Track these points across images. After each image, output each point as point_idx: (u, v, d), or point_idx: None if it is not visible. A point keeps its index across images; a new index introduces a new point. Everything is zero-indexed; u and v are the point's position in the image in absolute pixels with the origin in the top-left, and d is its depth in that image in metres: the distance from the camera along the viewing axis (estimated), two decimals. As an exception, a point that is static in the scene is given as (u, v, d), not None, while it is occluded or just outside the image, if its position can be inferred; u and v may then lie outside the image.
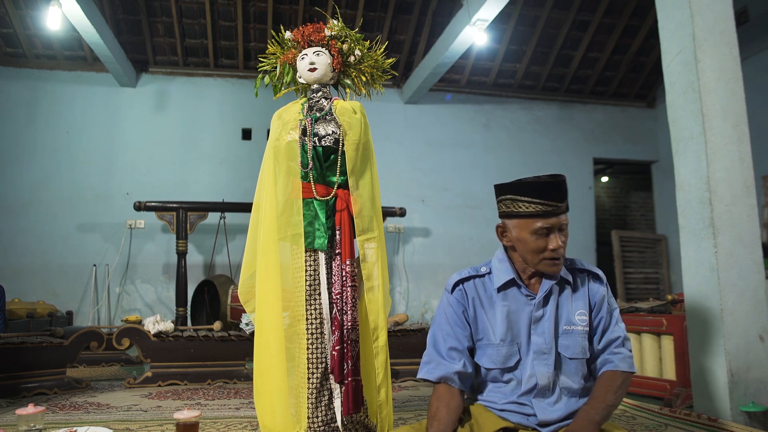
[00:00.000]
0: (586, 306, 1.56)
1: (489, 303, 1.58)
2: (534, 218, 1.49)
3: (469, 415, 1.56)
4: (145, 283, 6.07)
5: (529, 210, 1.49)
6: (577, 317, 1.54)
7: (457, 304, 1.60)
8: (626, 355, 1.54)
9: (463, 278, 1.63)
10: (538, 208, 1.48)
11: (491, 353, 1.54)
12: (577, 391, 1.52)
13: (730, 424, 2.35)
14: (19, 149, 6.02)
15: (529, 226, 1.50)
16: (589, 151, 7.34)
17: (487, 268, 1.63)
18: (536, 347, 1.52)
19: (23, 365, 3.32)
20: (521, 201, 1.51)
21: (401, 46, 6.48)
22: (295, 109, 2.17)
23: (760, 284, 2.57)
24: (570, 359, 1.51)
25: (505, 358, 1.53)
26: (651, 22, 6.41)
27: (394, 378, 3.71)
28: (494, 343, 1.54)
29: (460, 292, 1.61)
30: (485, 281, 1.61)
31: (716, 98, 2.64)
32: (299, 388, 1.96)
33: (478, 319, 1.58)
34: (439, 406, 1.49)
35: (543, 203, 1.48)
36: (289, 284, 2.03)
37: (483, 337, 1.57)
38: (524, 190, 1.51)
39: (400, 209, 5.75)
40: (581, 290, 1.57)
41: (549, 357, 1.51)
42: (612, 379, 1.50)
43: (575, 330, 1.53)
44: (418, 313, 6.50)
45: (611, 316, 1.58)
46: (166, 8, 5.94)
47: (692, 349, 2.66)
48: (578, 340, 1.52)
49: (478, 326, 1.58)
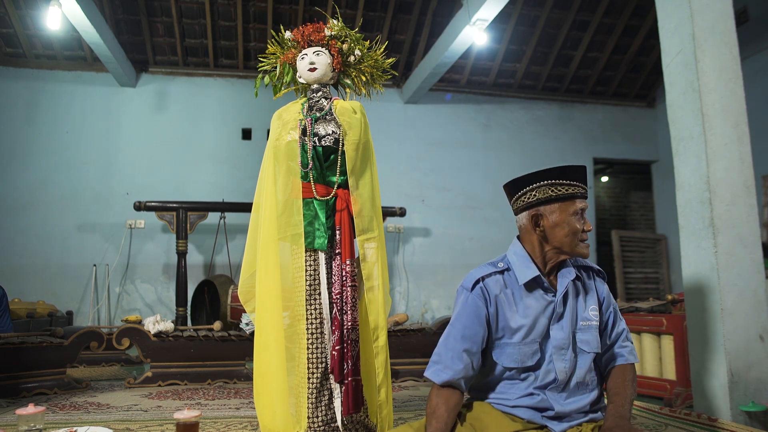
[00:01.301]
0: (596, 301, 1.59)
1: (512, 300, 1.55)
2: (575, 199, 1.53)
3: (472, 413, 1.56)
4: (145, 283, 6.07)
5: (569, 192, 1.53)
6: (590, 312, 1.57)
7: (478, 302, 1.54)
8: (632, 347, 1.61)
9: (484, 275, 1.57)
10: (576, 190, 1.53)
11: (511, 352, 1.53)
12: (587, 384, 1.55)
13: (730, 423, 2.35)
14: (18, 149, 6.02)
15: (570, 207, 1.53)
16: (589, 151, 7.33)
17: (504, 264, 1.59)
18: (556, 342, 1.52)
19: (23, 365, 3.32)
20: (561, 184, 1.54)
21: (401, 46, 6.48)
22: (295, 109, 2.17)
23: (760, 284, 2.57)
24: (588, 353, 1.54)
25: (526, 357, 1.52)
26: (651, 22, 6.41)
27: (394, 378, 3.71)
28: (515, 342, 1.52)
29: (481, 291, 1.55)
30: (506, 277, 1.57)
31: (716, 98, 2.64)
32: (299, 388, 1.96)
33: (500, 317, 1.55)
34: (438, 402, 1.49)
35: (578, 185, 1.54)
36: (289, 284, 2.03)
37: (503, 335, 1.54)
38: (562, 174, 1.55)
39: (400, 209, 5.75)
40: (590, 286, 1.61)
41: (567, 352, 1.53)
42: (626, 372, 1.56)
43: (591, 325, 1.56)
44: (418, 313, 6.50)
45: (615, 311, 1.63)
46: (166, 8, 5.94)
47: (692, 349, 2.66)
48: (595, 335, 1.55)
49: (498, 324, 1.55)
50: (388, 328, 2.80)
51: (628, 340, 1.62)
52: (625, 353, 1.59)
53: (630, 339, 1.63)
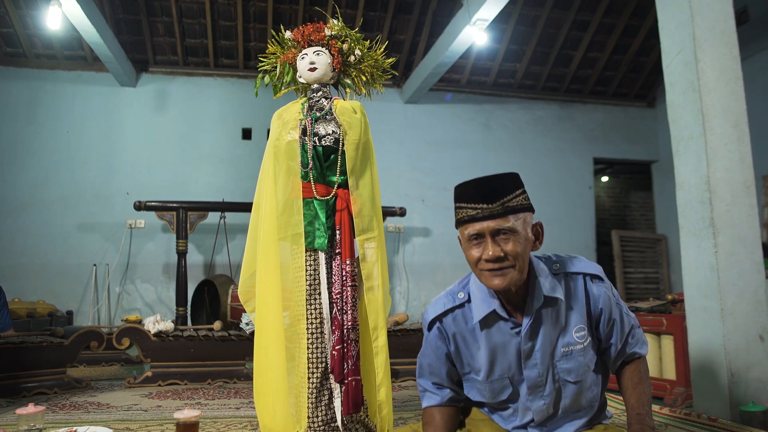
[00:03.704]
0: (584, 317, 1.38)
1: (471, 338, 1.42)
2: (465, 224, 1.33)
3: (470, 418, 1.55)
4: (145, 283, 6.07)
5: (459, 216, 1.34)
6: (575, 335, 1.36)
7: (436, 346, 1.47)
8: (638, 339, 1.44)
9: (438, 315, 1.45)
10: (466, 213, 1.32)
11: (480, 388, 1.44)
12: (584, 406, 1.42)
13: (730, 424, 2.35)
14: (18, 149, 6.02)
15: (464, 234, 1.34)
16: (589, 151, 7.33)
17: (464, 294, 1.43)
18: (530, 382, 1.38)
19: (23, 365, 3.32)
20: (456, 207, 1.36)
21: (401, 45, 6.48)
22: (295, 109, 2.17)
23: (760, 284, 2.57)
24: (573, 383, 1.37)
25: (494, 393, 1.42)
26: (651, 22, 6.41)
27: (394, 378, 3.71)
28: (481, 380, 1.42)
29: (438, 332, 1.46)
30: (465, 312, 1.42)
31: (716, 98, 2.64)
32: (299, 388, 1.96)
33: (462, 354, 1.44)
34: (434, 411, 1.49)
35: (471, 207, 1.31)
36: (289, 284, 2.03)
37: (470, 371, 1.45)
38: (457, 194, 1.36)
39: (400, 209, 5.75)
40: (576, 300, 1.38)
41: (544, 389, 1.37)
42: (635, 371, 1.41)
43: (575, 350, 1.36)
44: (418, 313, 6.50)
45: (620, 313, 1.41)
46: (166, 8, 5.94)
47: (692, 349, 2.66)
48: (580, 360, 1.37)
49: (462, 361, 1.45)
50: (388, 328, 2.80)
51: (640, 332, 1.46)
52: (631, 349, 1.43)
53: (636, 332, 1.45)
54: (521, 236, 1.29)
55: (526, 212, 1.32)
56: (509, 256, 1.28)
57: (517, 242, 1.29)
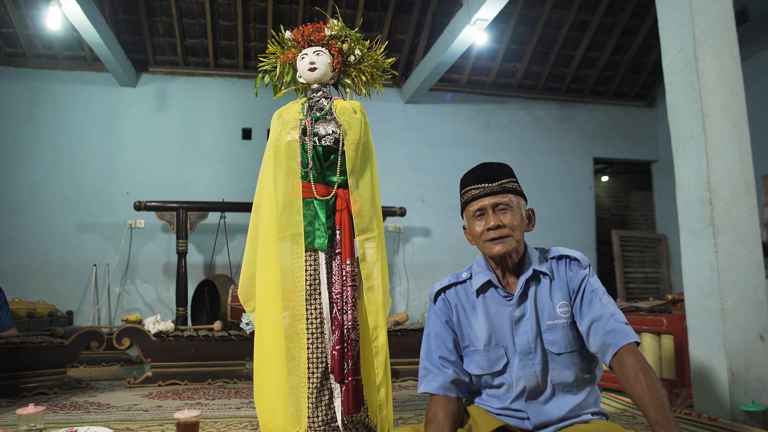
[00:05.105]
0: (567, 295, 1.51)
1: (471, 308, 1.58)
2: (470, 203, 1.55)
3: (468, 416, 1.56)
4: (145, 283, 6.08)
5: (465, 198, 1.57)
6: (559, 310, 1.50)
7: (441, 313, 1.61)
8: (622, 328, 1.41)
9: (443, 287, 1.64)
10: (471, 193, 1.55)
11: (478, 359, 1.54)
12: (573, 385, 1.49)
13: (730, 423, 2.35)
14: (18, 149, 6.03)
15: (469, 212, 1.55)
16: (589, 151, 7.34)
17: (468, 273, 1.63)
18: (520, 348, 1.50)
19: (23, 365, 3.32)
20: (462, 192, 1.59)
21: (401, 45, 6.48)
22: (295, 109, 2.17)
23: (760, 284, 2.57)
24: (558, 354, 1.48)
25: (491, 363, 1.52)
26: (651, 22, 6.41)
27: (394, 378, 3.71)
28: (479, 349, 1.54)
29: (443, 302, 1.62)
30: (466, 287, 1.61)
31: (716, 98, 2.64)
32: (299, 388, 1.96)
33: (462, 325, 1.58)
34: (436, 410, 1.50)
35: (474, 187, 1.54)
36: (289, 284, 2.03)
37: (469, 344, 1.57)
38: (463, 180, 1.60)
39: (400, 209, 5.75)
40: (560, 280, 1.52)
41: (534, 356, 1.48)
42: (625, 366, 1.36)
43: (558, 324, 1.49)
44: (418, 312, 6.50)
45: (593, 295, 1.47)
46: (166, 8, 5.94)
47: (692, 349, 2.66)
48: (563, 334, 1.48)
49: (463, 333, 1.58)
50: (388, 328, 2.80)
51: (615, 322, 1.41)
52: (614, 339, 1.39)
53: (618, 320, 1.42)
54: (517, 212, 1.52)
55: (519, 197, 1.55)
56: (507, 226, 1.49)
57: (514, 216, 1.51)
